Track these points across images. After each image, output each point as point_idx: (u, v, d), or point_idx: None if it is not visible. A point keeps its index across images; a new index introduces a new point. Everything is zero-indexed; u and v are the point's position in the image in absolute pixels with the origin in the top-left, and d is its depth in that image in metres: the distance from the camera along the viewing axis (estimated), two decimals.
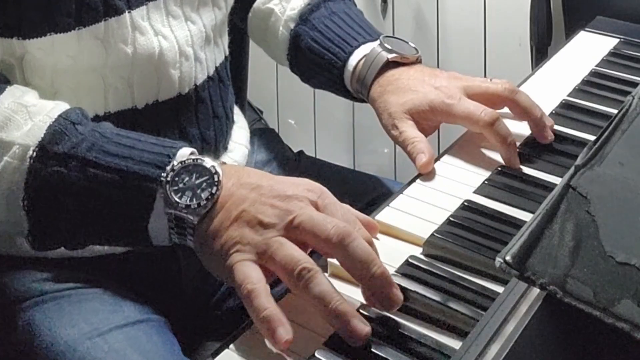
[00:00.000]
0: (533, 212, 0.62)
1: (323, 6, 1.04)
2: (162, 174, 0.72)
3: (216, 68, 0.97)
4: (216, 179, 0.72)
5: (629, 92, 0.73)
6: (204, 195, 0.71)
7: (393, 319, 0.69)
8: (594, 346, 0.56)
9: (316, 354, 0.66)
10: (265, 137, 1.19)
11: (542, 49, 1.51)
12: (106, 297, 0.86)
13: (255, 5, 1.09)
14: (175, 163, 0.72)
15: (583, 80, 1.06)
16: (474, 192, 0.85)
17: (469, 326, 0.66)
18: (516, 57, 1.79)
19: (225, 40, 1.02)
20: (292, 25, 1.04)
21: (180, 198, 0.71)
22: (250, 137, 1.09)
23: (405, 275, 0.73)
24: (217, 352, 0.68)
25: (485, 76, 1.90)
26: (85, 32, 0.81)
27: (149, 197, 0.72)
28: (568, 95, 1.03)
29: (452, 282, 0.73)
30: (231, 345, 0.68)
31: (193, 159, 0.72)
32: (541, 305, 0.57)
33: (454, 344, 0.66)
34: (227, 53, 1.02)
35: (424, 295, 0.71)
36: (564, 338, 0.57)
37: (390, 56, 0.95)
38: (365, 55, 0.97)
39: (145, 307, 0.88)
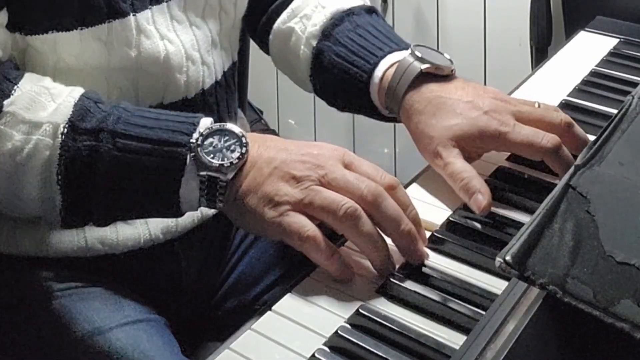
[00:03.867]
0: (533, 212, 0.61)
1: (347, 20, 0.96)
2: (191, 140, 0.75)
3: (224, 73, 0.96)
4: (244, 141, 0.76)
5: (629, 92, 0.73)
6: (234, 155, 0.75)
7: (393, 319, 0.69)
8: (594, 346, 0.56)
9: (316, 354, 0.66)
10: None
11: (542, 49, 1.51)
12: (107, 297, 0.86)
13: (275, 26, 1.02)
14: (202, 130, 0.76)
15: (583, 80, 1.06)
16: None
17: (469, 326, 0.66)
18: (516, 57, 1.79)
19: (235, 46, 1.00)
20: (314, 43, 0.96)
21: (212, 159, 0.74)
22: None
23: (405, 275, 0.74)
24: (217, 352, 0.68)
25: (484, 76, 1.91)
26: (87, 32, 0.82)
27: (180, 162, 0.74)
28: (568, 95, 1.03)
29: (452, 282, 0.73)
30: (231, 345, 0.68)
31: (220, 125, 0.76)
32: (541, 305, 0.57)
33: (454, 343, 0.66)
34: (236, 59, 1.00)
35: (424, 295, 0.71)
36: (564, 338, 0.57)
37: (424, 66, 0.87)
38: (392, 65, 0.90)
39: (145, 306, 0.88)
